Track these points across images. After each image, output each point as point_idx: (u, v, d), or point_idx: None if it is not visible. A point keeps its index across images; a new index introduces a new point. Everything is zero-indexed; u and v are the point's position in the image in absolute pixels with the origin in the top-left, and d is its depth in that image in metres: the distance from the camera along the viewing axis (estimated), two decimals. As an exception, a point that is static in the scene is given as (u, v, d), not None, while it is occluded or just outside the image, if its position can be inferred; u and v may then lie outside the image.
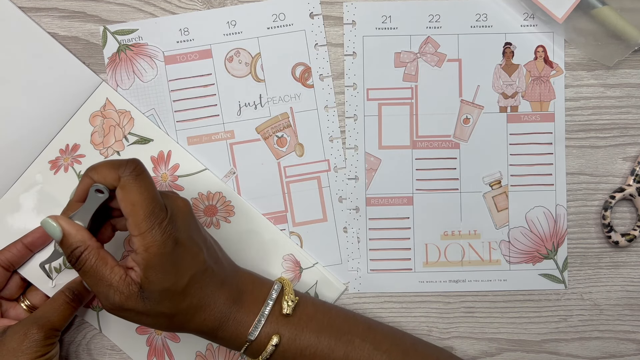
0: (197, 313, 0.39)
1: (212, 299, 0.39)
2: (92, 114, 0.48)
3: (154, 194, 0.37)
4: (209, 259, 0.40)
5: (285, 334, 0.40)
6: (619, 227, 0.49)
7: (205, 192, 0.48)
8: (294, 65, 0.49)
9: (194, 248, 0.39)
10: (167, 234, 0.37)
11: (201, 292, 0.39)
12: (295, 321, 0.41)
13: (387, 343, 0.42)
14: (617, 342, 0.49)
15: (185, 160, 0.48)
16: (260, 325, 0.40)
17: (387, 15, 0.49)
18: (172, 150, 0.48)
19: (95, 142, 0.49)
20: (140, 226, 0.36)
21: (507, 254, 0.49)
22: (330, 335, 0.41)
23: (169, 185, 0.48)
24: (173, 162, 0.48)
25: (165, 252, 0.37)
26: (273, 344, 0.40)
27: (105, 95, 0.48)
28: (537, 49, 0.49)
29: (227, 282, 0.40)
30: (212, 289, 0.39)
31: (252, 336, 0.40)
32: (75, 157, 0.48)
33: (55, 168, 0.48)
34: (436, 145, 0.49)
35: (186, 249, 0.38)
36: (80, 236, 0.37)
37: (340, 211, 0.49)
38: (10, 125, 0.48)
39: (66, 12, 0.49)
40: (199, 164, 0.48)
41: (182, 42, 0.48)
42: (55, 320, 0.43)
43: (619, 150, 0.49)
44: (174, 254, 0.37)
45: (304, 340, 0.40)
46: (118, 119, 0.48)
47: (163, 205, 0.38)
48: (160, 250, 0.37)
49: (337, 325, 0.42)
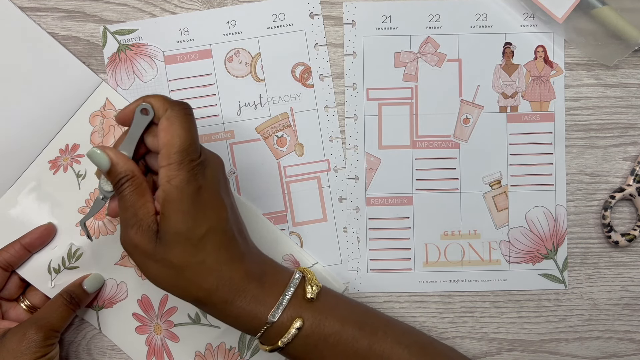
0: (210, 276, 0.37)
1: (229, 266, 0.37)
2: (92, 113, 0.48)
3: (194, 135, 0.37)
4: (233, 222, 0.38)
5: (309, 318, 0.38)
6: (619, 227, 0.49)
7: None
8: (294, 65, 0.49)
9: (218, 202, 0.37)
10: (193, 173, 0.36)
11: (218, 254, 0.37)
12: (319, 307, 0.39)
13: (406, 338, 0.40)
14: (617, 342, 0.49)
15: None
16: (282, 305, 0.38)
17: (387, 15, 0.49)
18: None
19: (95, 142, 0.49)
20: (170, 157, 0.36)
21: (507, 254, 0.49)
22: (355, 325, 0.39)
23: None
24: None
25: (187, 191, 0.36)
26: (297, 327, 0.37)
27: (105, 95, 0.48)
28: (537, 49, 0.49)
29: (248, 258, 0.39)
30: (230, 255, 0.37)
31: (273, 317, 0.37)
32: (74, 157, 0.48)
33: (54, 168, 0.48)
34: (436, 145, 0.49)
35: (210, 199, 0.37)
36: (127, 166, 0.37)
37: (340, 211, 0.49)
38: (10, 125, 0.48)
39: (66, 12, 0.49)
40: None
41: (182, 42, 0.48)
42: (55, 322, 0.44)
43: (619, 150, 0.49)
44: (196, 198, 0.36)
45: (328, 326, 0.38)
46: None
47: (199, 149, 0.37)
48: (182, 185, 0.36)
49: (359, 317, 0.40)
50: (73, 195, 0.48)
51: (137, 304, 0.48)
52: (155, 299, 0.49)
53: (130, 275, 0.48)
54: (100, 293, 0.48)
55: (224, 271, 0.37)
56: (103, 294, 0.48)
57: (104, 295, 0.48)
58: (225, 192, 0.39)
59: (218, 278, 0.37)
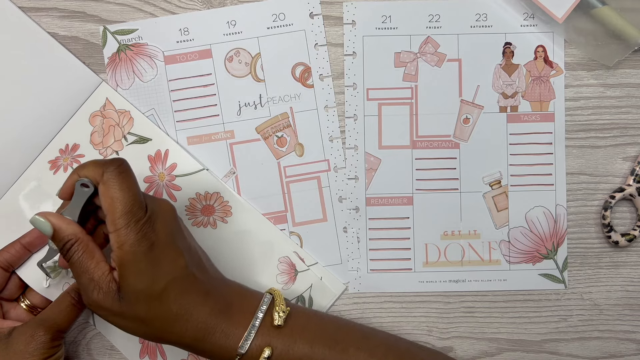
0: (178, 322, 0.38)
1: (194, 308, 0.38)
2: (92, 113, 0.48)
3: (134, 193, 0.37)
4: (191, 265, 0.39)
5: (278, 345, 0.39)
6: (619, 227, 0.49)
7: (203, 192, 0.48)
8: (294, 65, 0.49)
9: (173, 252, 0.38)
10: (142, 233, 0.37)
11: (182, 299, 0.38)
12: (287, 332, 0.39)
13: (382, 350, 0.41)
14: (617, 342, 0.49)
15: (183, 159, 0.48)
16: (250, 337, 0.38)
17: (387, 15, 0.49)
18: (170, 149, 0.48)
19: (94, 142, 0.48)
20: (116, 222, 0.36)
21: (507, 254, 0.49)
22: (324, 344, 0.40)
23: (166, 185, 0.48)
24: (170, 162, 0.48)
25: (139, 251, 0.36)
26: (265, 357, 0.38)
27: (105, 95, 0.48)
28: (537, 49, 0.49)
29: (213, 292, 0.40)
30: (194, 297, 0.38)
31: (242, 349, 0.38)
32: (75, 157, 0.48)
33: (54, 168, 0.48)
34: (436, 145, 0.49)
35: (164, 252, 0.38)
36: (70, 229, 0.38)
37: (340, 211, 0.49)
38: (10, 125, 0.48)
39: (66, 12, 0.49)
40: (197, 163, 0.48)
41: (182, 42, 0.48)
42: (61, 322, 0.43)
43: (619, 150, 0.49)
44: (150, 255, 0.37)
45: (297, 351, 0.39)
46: (118, 119, 0.48)
47: (144, 205, 0.38)
48: (134, 248, 0.36)
49: (330, 334, 0.41)
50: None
51: None
52: None
53: None
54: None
55: (190, 314, 0.38)
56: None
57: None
58: (179, 238, 0.39)
59: (186, 322, 0.38)
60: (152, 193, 0.48)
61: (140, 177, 0.48)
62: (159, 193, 0.48)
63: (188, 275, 0.38)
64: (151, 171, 0.48)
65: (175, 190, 0.48)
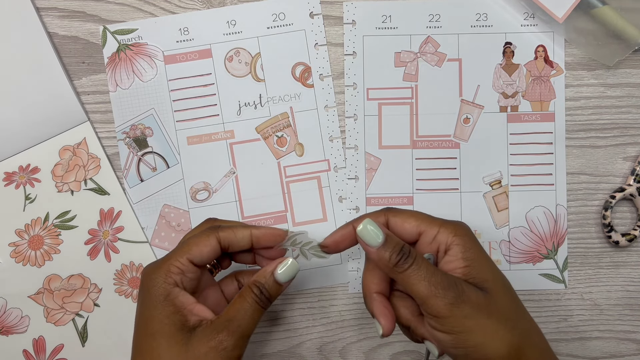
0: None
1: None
2: (64, 146, 0.48)
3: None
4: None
5: None
6: (619, 227, 0.49)
7: (137, 263, 0.48)
8: (294, 65, 0.49)
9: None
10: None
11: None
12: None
13: None
14: (617, 342, 0.49)
15: (131, 225, 0.48)
16: None
17: (387, 15, 0.49)
18: (123, 211, 0.48)
19: (55, 173, 0.48)
20: (440, 310, 0.35)
21: (507, 254, 0.49)
22: None
23: (107, 244, 0.48)
24: (119, 223, 0.48)
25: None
26: None
27: (84, 135, 0.48)
28: (537, 49, 0.49)
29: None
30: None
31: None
32: (31, 178, 0.48)
33: (8, 181, 0.48)
34: (436, 145, 0.49)
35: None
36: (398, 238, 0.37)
37: (340, 211, 0.49)
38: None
39: (66, 12, 0.49)
40: (143, 235, 0.48)
41: (182, 41, 0.48)
42: (246, 325, 0.37)
43: (619, 150, 0.49)
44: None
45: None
46: (86, 162, 0.48)
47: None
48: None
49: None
50: (15, 214, 0.47)
51: (32, 343, 0.47)
52: (50, 344, 0.47)
53: (37, 312, 0.47)
54: (2, 318, 0.47)
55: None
56: (5, 319, 0.47)
57: (6, 321, 0.47)
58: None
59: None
60: (91, 247, 0.48)
61: (85, 228, 0.48)
62: (97, 249, 0.48)
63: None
64: (98, 225, 0.48)
65: (113, 251, 0.48)
